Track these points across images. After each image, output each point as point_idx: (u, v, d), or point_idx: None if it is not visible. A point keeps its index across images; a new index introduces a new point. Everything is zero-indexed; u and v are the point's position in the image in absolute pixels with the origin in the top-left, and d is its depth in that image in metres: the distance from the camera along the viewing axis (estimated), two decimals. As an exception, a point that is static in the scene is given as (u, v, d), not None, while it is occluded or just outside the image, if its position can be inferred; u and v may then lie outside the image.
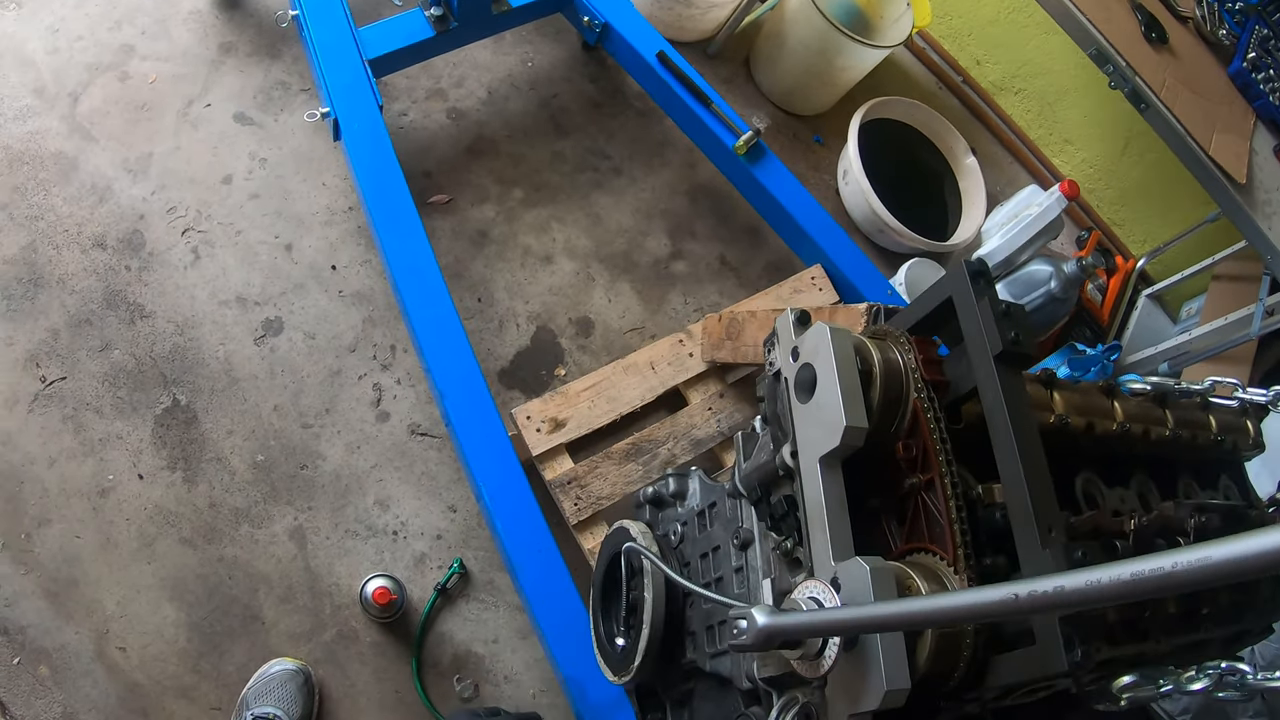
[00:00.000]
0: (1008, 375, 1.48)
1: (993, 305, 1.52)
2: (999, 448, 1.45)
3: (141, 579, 2.75)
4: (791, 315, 1.65)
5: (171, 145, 3.38)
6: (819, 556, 1.46)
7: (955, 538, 1.45)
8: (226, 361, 3.08)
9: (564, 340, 3.46)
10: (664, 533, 2.09)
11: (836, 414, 1.45)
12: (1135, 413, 1.89)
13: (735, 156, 3.39)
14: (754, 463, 1.73)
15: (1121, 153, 4.52)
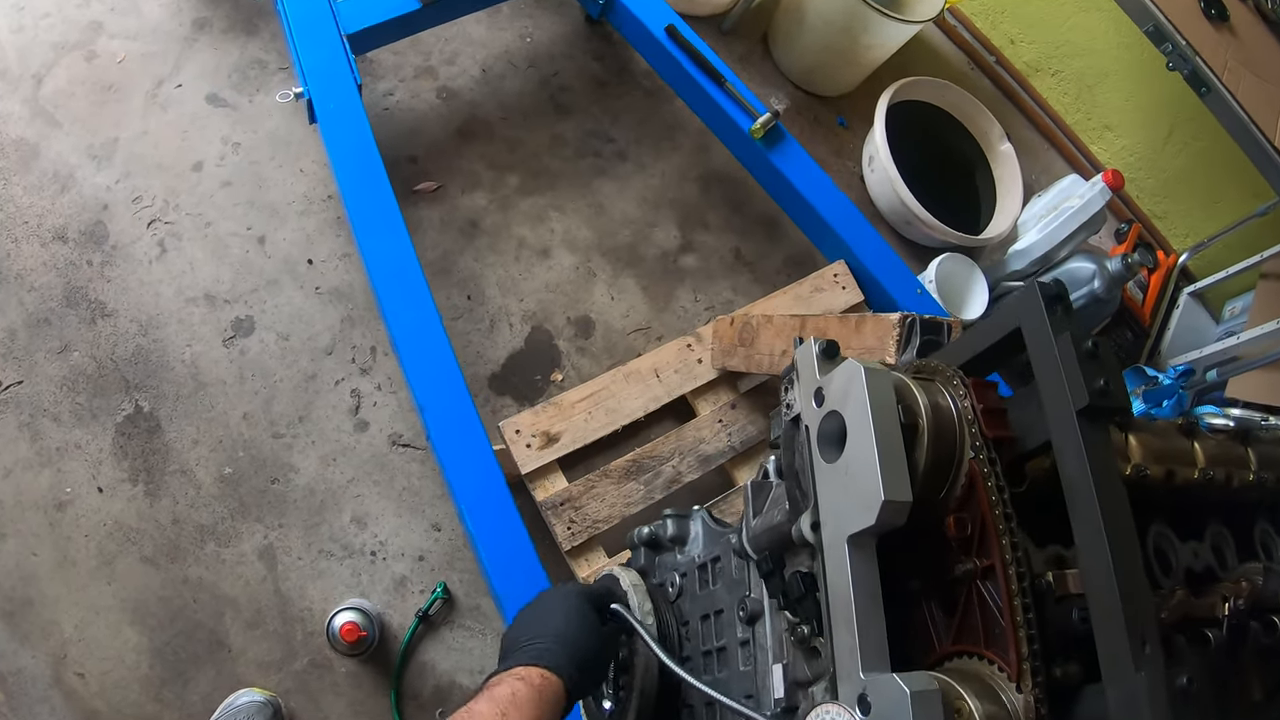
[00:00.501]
0: (1094, 435, 1.17)
1: (1076, 344, 1.20)
2: (1082, 532, 1.14)
3: (101, 600, 2.61)
4: (816, 347, 1.33)
5: (139, 129, 3.22)
6: (843, 662, 1.16)
7: (1020, 646, 1.15)
8: (193, 365, 2.92)
9: (561, 342, 3.27)
10: (660, 582, 1.82)
11: (873, 484, 1.14)
12: (1216, 454, 1.62)
13: (751, 140, 3.20)
14: (765, 522, 1.43)
15: (1165, 140, 4.34)
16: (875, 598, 1.17)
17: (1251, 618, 1.32)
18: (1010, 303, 1.30)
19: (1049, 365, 1.21)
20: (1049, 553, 1.28)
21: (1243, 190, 4.03)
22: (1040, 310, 1.23)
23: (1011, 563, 1.17)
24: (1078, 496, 1.15)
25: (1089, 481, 1.14)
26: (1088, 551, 1.13)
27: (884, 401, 1.19)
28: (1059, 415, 1.19)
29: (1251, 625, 1.32)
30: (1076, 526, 1.15)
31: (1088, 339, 1.21)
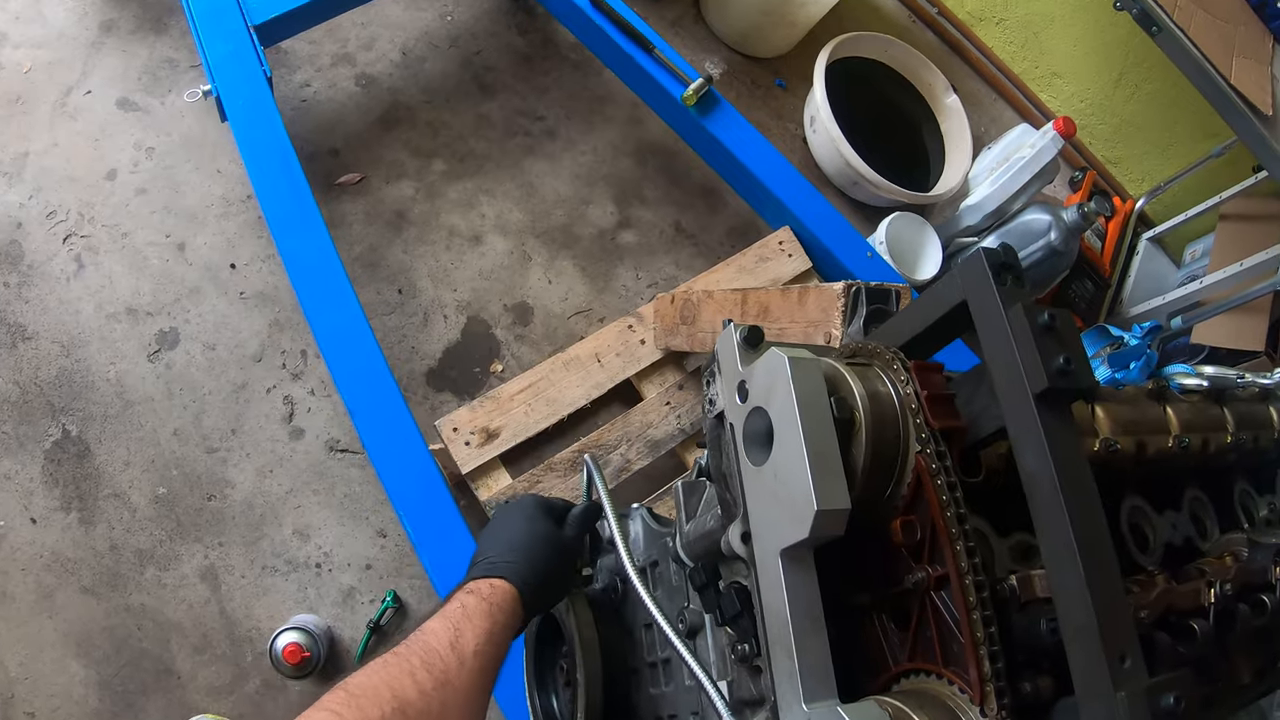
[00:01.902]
0: (1055, 422, 1.01)
1: (1030, 318, 1.05)
2: (1047, 535, 0.99)
3: (43, 635, 2.57)
4: (737, 335, 1.17)
5: (49, 141, 3.14)
6: (783, 690, 1.03)
7: (981, 665, 1.01)
8: (118, 383, 2.85)
9: (499, 331, 3.19)
10: (604, 586, 1.70)
11: (804, 492, 0.99)
12: (1191, 419, 1.51)
13: (684, 108, 3.10)
14: (698, 528, 1.29)
15: (1116, 84, 4.28)
16: (816, 617, 1.03)
17: (1239, 600, 1.24)
18: (954, 273, 1.15)
19: (1000, 343, 1.05)
20: (1014, 542, 1.15)
21: (1197, 132, 4.00)
22: (988, 280, 1.07)
23: (968, 571, 1.03)
24: (1039, 493, 1.00)
25: (1052, 476, 0.99)
26: (1054, 558, 0.99)
27: (813, 396, 1.04)
28: (1014, 401, 1.04)
29: (1240, 609, 1.23)
30: (1040, 529, 1.00)
31: (1043, 311, 1.06)
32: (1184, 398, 1.60)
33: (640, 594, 1.30)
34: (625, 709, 1.56)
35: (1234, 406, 1.64)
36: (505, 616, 1.26)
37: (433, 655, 1.13)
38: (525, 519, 1.44)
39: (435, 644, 1.16)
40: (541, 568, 1.38)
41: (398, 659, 1.11)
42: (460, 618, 1.20)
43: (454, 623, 1.19)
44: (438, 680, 1.11)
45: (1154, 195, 4.26)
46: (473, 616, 1.21)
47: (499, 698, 2.17)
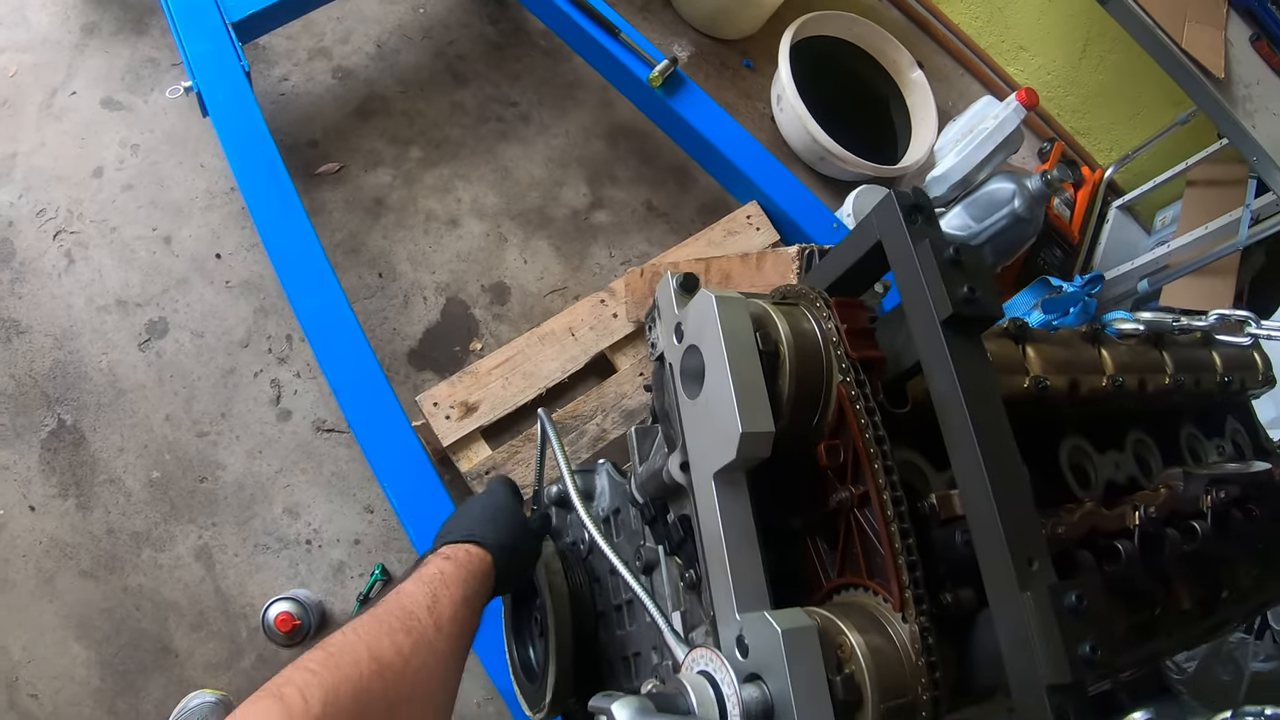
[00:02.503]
0: (962, 346, 1.11)
1: (936, 251, 1.14)
2: (955, 450, 1.09)
3: (45, 619, 2.60)
4: (673, 281, 1.27)
5: (36, 142, 3.19)
6: (720, 602, 1.12)
7: (900, 574, 1.10)
8: (111, 372, 2.90)
9: (477, 310, 3.25)
10: (572, 540, 1.79)
11: (730, 417, 1.09)
12: (1128, 361, 1.58)
13: (651, 90, 3.17)
14: (649, 468, 1.37)
15: (1081, 56, 4.34)
16: (748, 535, 1.12)
17: (1169, 525, 1.28)
18: (870, 216, 1.25)
19: (911, 276, 1.15)
20: (949, 476, 1.21)
21: (1162, 100, 4.04)
22: (899, 220, 1.17)
23: (886, 487, 1.12)
24: (948, 412, 1.09)
25: (958, 395, 1.08)
26: (964, 471, 1.07)
27: (738, 330, 1.13)
28: (923, 328, 1.13)
29: (1169, 534, 1.27)
30: (950, 443, 1.09)
31: (950, 246, 1.16)
32: (1120, 341, 1.67)
33: (586, 523, 1.39)
34: (594, 651, 1.65)
35: (1173, 350, 1.70)
36: (479, 583, 1.30)
37: (411, 618, 1.15)
38: (497, 496, 1.49)
39: (413, 607, 1.18)
40: (514, 541, 1.42)
41: (376, 621, 1.13)
42: (438, 583, 1.23)
43: (432, 588, 1.21)
44: (415, 642, 1.12)
45: (1122, 164, 4.30)
46: (450, 583, 1.24)
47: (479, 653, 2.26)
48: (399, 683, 1.08)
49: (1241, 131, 2.98)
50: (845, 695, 1.00)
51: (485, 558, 1.34)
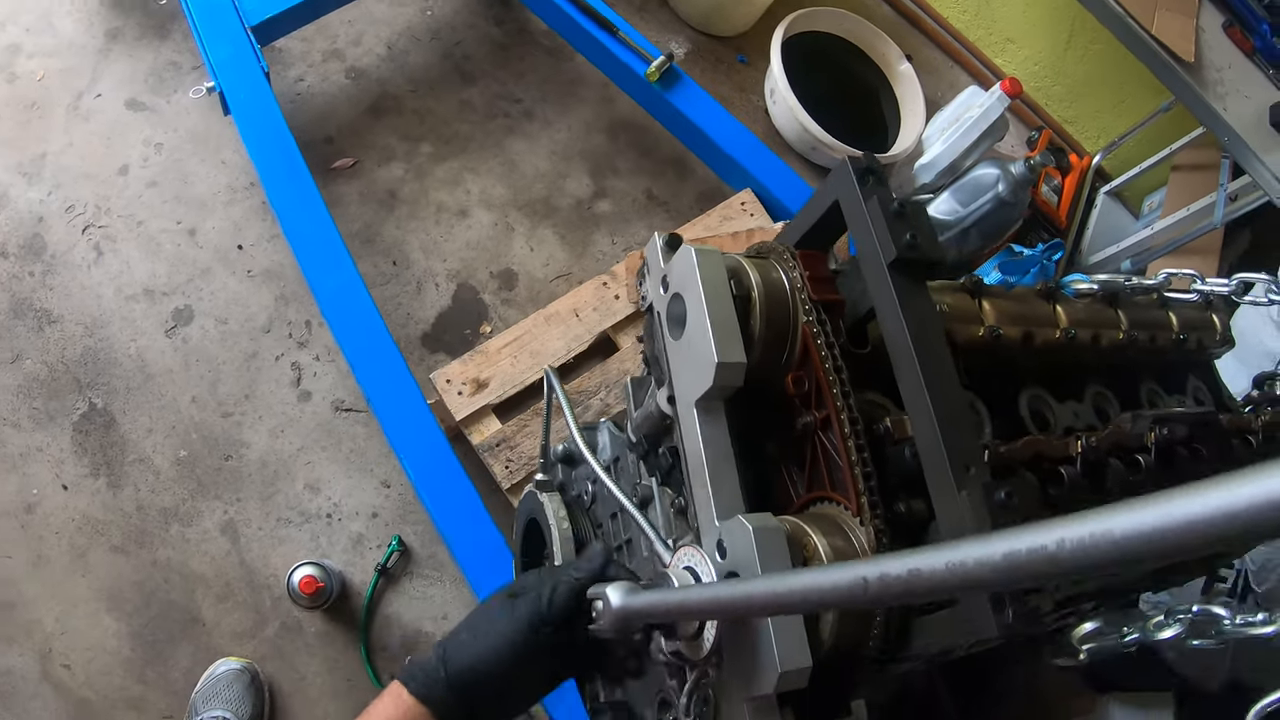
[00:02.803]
0: (905, 285, 1.28)
1: (883, 205, 1.30)
2: (901, 372, 1.25)
3: (77, 592, 2.69)
4: (659, 240, 1.45)
5: (64, 142, 3.29)
6: (702, 514, 1.27)
7: (857, 484, 1.26)
8: (139, 358, 3.00)
9: (487, 296, 3.35)
10: (577, 493, 1.94)
11: (707, 351, 1.26)
12: (1082, 317, 1.71)
13: (649, 85, 3.27)
14: (643, 411, 1.54)
15: (1066, 46, 4.41)
16: (726, 455, 1.28)
17: (1114, 457, 1.39)
18: (828, 180, 1.42)
19: (861, 227, 1.33)
20: (897, 416, 1.36)
21: (1145, 88, 4.08)
22: (852, 182, 1.36)
23: (843, 409, 1.29)
24: (895, 341, 1.26)
25: (903, 327, 1.25)
26: (908, 389, 1.24)
27: (714, 276, 1.31)
28: (873, 271, 1.31)
29: (1113, 464, 1.39)
30: (898, 369, 1.25)
31: (895, 201, 1.33)
32: (1076, 299, 1.80)
33: (586, 456, 1.53)
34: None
35: (1129, 309, 1.83)
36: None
37: None
38: (502, 647, 1.16)
39: None
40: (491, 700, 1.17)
41: None
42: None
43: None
44: None
45: (1109, 151, 4.37)
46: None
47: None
48: None
49: (1213, 114, 3.07)
50: (810, 589, 1.15)
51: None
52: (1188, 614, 1.29)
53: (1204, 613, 1.28)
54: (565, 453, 1.98)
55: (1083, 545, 0.49)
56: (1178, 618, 1.29)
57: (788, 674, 1.08)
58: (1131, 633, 1.30)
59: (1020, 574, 0.53)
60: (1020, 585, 0.52)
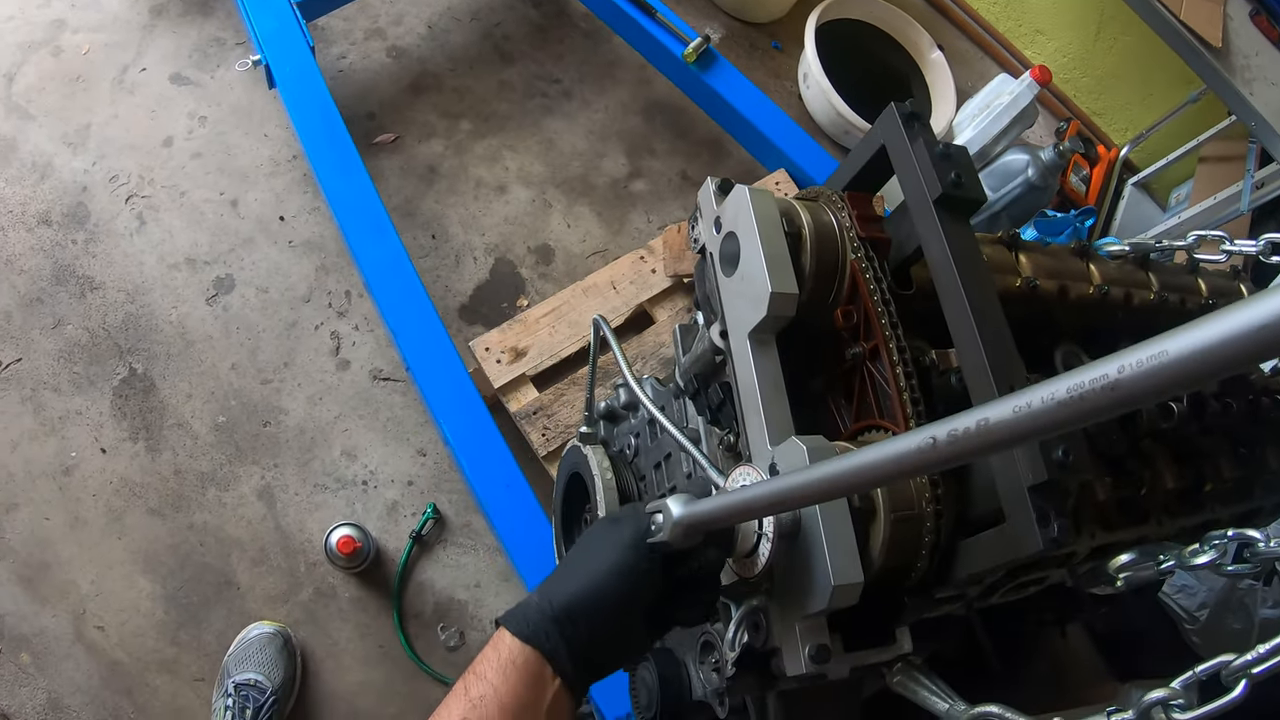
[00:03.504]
0: (951, 221, 1.33)
1: (929, 147, 1.36)
2: (947, 301, 1.29)
3: (113, 554, 2.72)
4: (712, 184, 1.50)
5: (109, 114, 3.33)
6: (755, 442, 1.30)
7: (905, 408, 1.30)
8: (180, 325, 3.03)
9: (524, 270, 3.38)
10: (619, 448, 1.98)
11: (761, 282, 1.30)
12: (1115, 276, 1.75)
13: (686, 66, 3.30)
14: (692, 354, 1.58)
15: (1095, 38, 4.41)
16: (777, 384, 1.32)
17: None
18: (875, 126, 1.46)
19: (908, 168, 1.38)
20: (941, 349, 1.42)
21: (1175, 80, 4.09)
22: (898, 125, 1.40)
23: (891, 338, 1.33)
24: (941, 273, 1.30)
25: (949, 260, 1.29)
26: (955, 318, 1.27)
27: (767, 214, 1.35)
28: (919, 208, 1.35)
29: (1145, 409, 1.42)
30: (944, 299, 1.30)
31: (940, 143, 1.38)
32: (1108, 259, 1.84)
33: (636, 390, 1.57)
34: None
35: (1159, 272, 1.87)
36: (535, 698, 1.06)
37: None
38: (620, 573, 1.12)
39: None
40: (605, 657, 1.14)
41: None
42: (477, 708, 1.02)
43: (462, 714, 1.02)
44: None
45: (1137, 143, 4.37)
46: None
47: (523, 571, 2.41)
48: None
49: (1241, 99, 3.08)
50: (861, 505, 1.19)
51: (552, 680, 1.08)
52: (1223, 539, 1.31)
53: (1239, 536, 1.30)
54: (607, 409, 2.02)
55: (1143, 367, 0.51)
56: (1213, 544, 1.31)
57: (841, 588, 1.11)
58: (1167, 560, 1.32)
59: (1086, 407, 0.55)
60: (1086, 421, 0.54)
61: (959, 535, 1.27)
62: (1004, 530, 1.18)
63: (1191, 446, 1.53)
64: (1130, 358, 0.51)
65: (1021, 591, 1.41)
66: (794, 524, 1.15)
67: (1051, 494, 1.13)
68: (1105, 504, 1.37)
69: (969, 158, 1.38)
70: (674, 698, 1.54)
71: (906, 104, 1.42)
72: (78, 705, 2.53)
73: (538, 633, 1.08)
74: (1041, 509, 1.12)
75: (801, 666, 1.17)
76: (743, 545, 1.18)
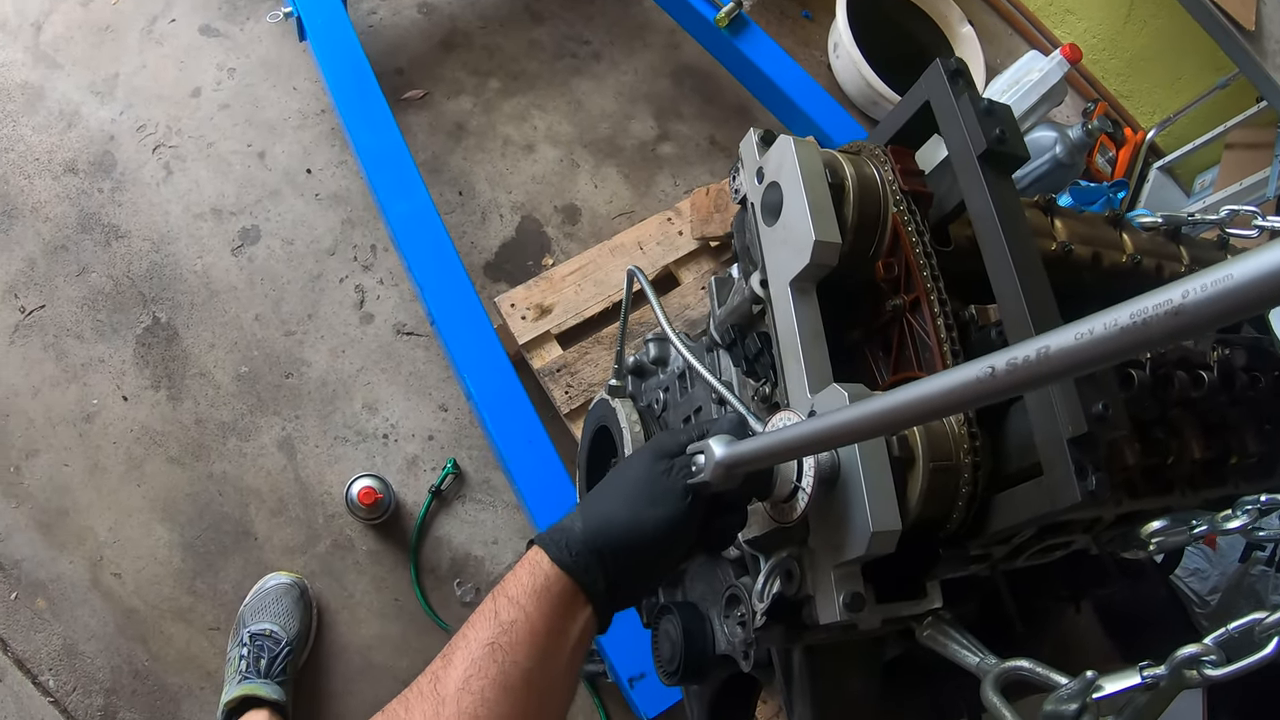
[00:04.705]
0: (995, 177, 1.32)
1: (974, 103, 1.36)
2: (990, 255, 1.29)
3: (132, 502, 2.72)
4: (755, 135, 1.51)
5: (137, 64, 3.33)
6: (794, 390, 1.30)
7: (945, 360, 1.30)
8: (205, 275, 3.03)
9: (550, 229, 3.39)
10: (647, 403, 1.98)
11: (805, 230, 1.30)
12: (1147, 247, 1.75)
13: (718, 31, 3.29)
14: (728, 305, 1.58)
15: (1125, 20, 4.38)
16: (818, 332, 1.32)
17: (1179, 369, 1.41)
18: (919, 83, 1.46)
19: (952, 123, 1.38)
20: (980, 305, 1.41)
21: (1203, 64, 4.06)
22: (944, 81, 1.40)
23: (933, 290, 1.33)
24: (984, 227, 1.30)
25: (993, 215, 1.29)
26: (998, 273, 1.27)
27: (811, 164, 1.36)
28: (963, 162, 1.35)
29: (1179, 375, 1.40)
30: (986, 253, 1.29)
31: (985, 100, 1.38)
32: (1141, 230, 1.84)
33: (670, 336, 1.57)
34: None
35: (1190, 247, 1.87)
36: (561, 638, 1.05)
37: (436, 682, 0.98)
38: (643, 494, 1.12)
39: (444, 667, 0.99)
40: (634, 581, 1.14)
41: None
42: (506, 636, 1.01)
43: (493, 636, 1.00)
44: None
45: (1164, 127, 4.34)
46: (518, 642, 1.01)
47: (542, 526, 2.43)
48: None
49: (1271, 83, 3.05)
50: (900, 453, 1.19)
51: (584, 608, 1.08)
52: (1255, 504, 1.31)
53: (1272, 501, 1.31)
54: (636, 364, 2.02)
55: (1207, 292, 0.51)
56: (1245, 509, 1.31)
57: (879, 535, 1.11)
58: (1200, 525, 1.32)
59: (1150, 332, 0.55)
60: (1148, 347, 0.54)
61: (992, 491, 1.27)
62: (1041, 483, 1.17)
63: (1219, 418, 1.53)
64: (1195, 283, 0.51)
65: (1046, 556, 1.41)
66: (833, 470, 1.15)
67: (1090, 447, 1.13)
68: (1132, 470, 1.36)
69: (1012, 115, 1.38)
70: (697, 651, 1.54)
71: (952, 60, 1.42)
72: (92, 651, 2.53)
73: (578, 563, 1.07)
74: (1080, 462, 1.12)
75: (836, 614, 1.17)
76: (780, 491, 1.18)
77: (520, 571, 1.07)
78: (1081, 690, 1.13)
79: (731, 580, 1.50)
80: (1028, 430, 1.19)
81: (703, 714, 1.81)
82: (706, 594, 1.63)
